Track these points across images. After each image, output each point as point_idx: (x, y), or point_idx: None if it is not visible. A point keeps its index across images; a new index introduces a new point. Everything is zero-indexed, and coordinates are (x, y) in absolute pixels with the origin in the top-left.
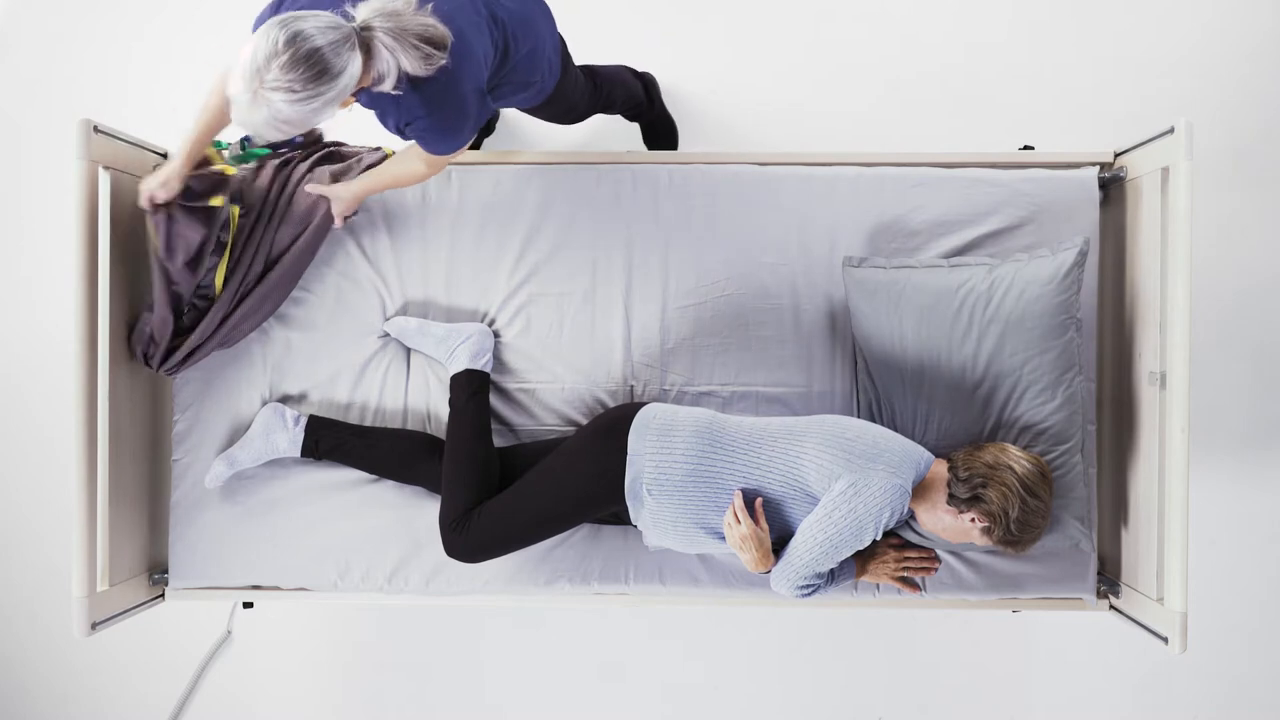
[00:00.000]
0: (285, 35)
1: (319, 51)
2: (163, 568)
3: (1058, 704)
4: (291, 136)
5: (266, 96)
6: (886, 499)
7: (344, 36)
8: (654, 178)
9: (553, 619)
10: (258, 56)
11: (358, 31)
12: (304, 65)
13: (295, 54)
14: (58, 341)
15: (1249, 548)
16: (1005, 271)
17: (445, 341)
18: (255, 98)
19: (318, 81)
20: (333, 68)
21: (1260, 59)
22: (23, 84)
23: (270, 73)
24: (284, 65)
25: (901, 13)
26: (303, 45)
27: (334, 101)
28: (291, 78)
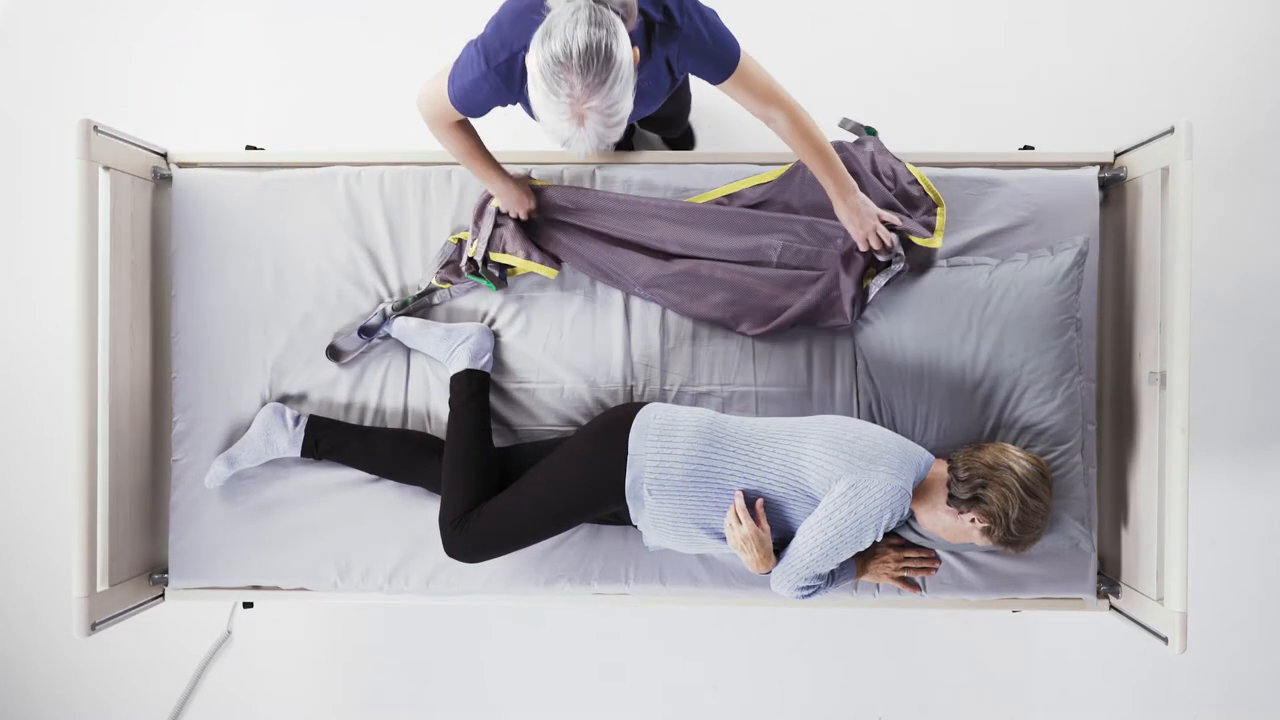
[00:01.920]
0: (551, 55)
1: (589, 38)
2: (163, 568)
3: (1058, 704)
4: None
5: (589, 108)
6: (887, 500)
7: (590, 11)
8: (654, 178)
9: (553, 619)
10: (549, 87)
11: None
12: (592, 58)
13: (579, 56)
14: (58, 341)
15: (1249, 548)
16: (1005, 271)
17: (445, 341)
18: (579, 118)
19: (611, 58)
20: (612, 41)
21: (1258, 59)
22: (23, 84)
23: (575, 88)
24: (579, 70)
25: (901, 14)
26: (575, 44)
27: (631, 67)
28: (594, 73)
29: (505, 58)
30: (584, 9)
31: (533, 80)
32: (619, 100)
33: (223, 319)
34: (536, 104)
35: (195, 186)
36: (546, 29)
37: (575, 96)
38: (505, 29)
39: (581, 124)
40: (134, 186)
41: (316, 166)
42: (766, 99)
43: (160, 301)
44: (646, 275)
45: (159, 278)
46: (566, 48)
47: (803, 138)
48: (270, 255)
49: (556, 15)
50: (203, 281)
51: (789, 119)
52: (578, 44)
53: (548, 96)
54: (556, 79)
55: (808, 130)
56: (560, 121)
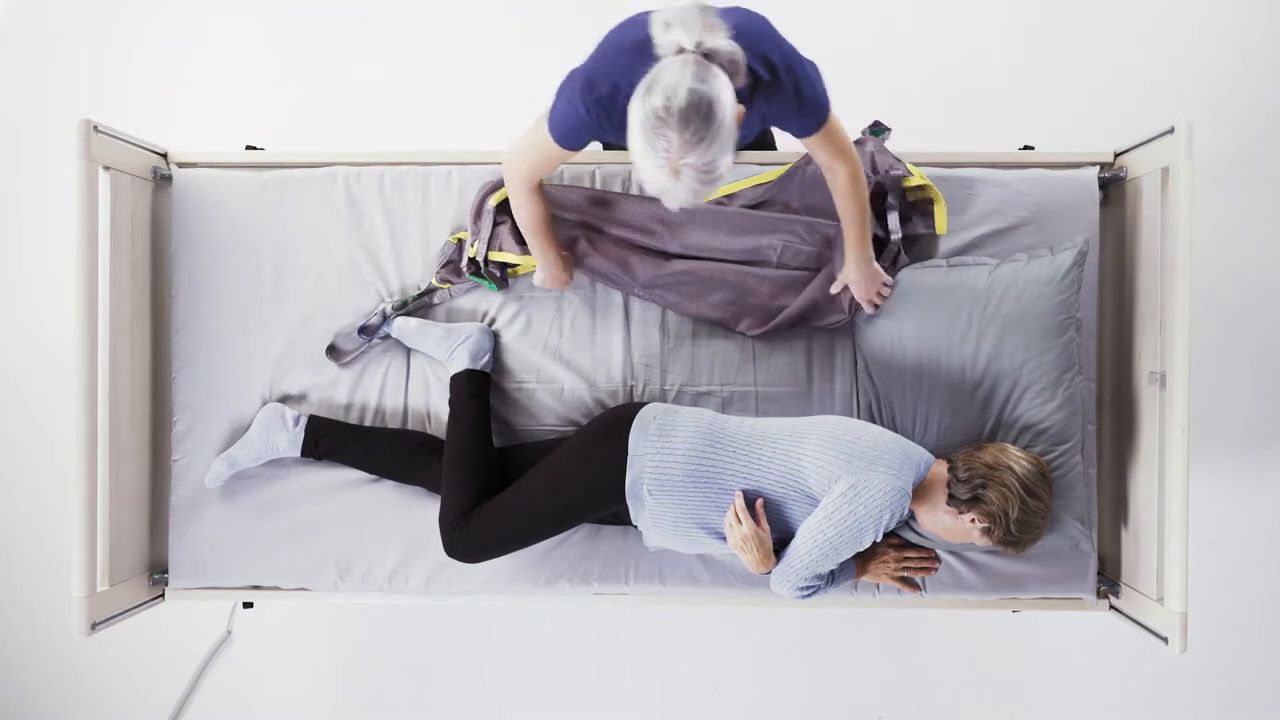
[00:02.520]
0: (656, 105)
1: (692, 94)
2: (163, 568)
3: (1058, 704)
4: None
5: (685, 164)
6: (886, 501)
7: (698, 67)
8: None
9: (553, 619)
10: (649, 141)
11: (699, 54)
12: (693, 115)
13: (681, 112)
14: (58, 341)
15: (1249, 548)
16: (1005, 271)
17: (445, 341)
18: (675, 173)
19: (713, 115)
20: (716, 96)
21: (1258, 59)
22: (23, 84)
23: (673, 143)
24: (679, 127)
25: (901, 14)
26: (678, 100)
27: (733, 124)
28: (694, 129)
29: (608, 91)
30: (691, 63)
31: (632, 129)
32: (717, 158)
33: (223, 319)
34: (635, 152)
35: (195, 186)
36: (652, 80)
37: (672, 151)
38: (609, 63)
39: (677, 178)
40: (134, 186)
41: (316, 166)
42: (838, 154)
43: (160, 301)
44: (645, 275)
45: (159, 278)
46: (668, 103)
47: (855, 196)
48: (270, 255)
49: (663, 67)
50: (203, 281)
51: (850, 176)
52: (679, 100)
53: (645, 148)
54: (655, 132)
55: (861, 190)
56: (656, 173)
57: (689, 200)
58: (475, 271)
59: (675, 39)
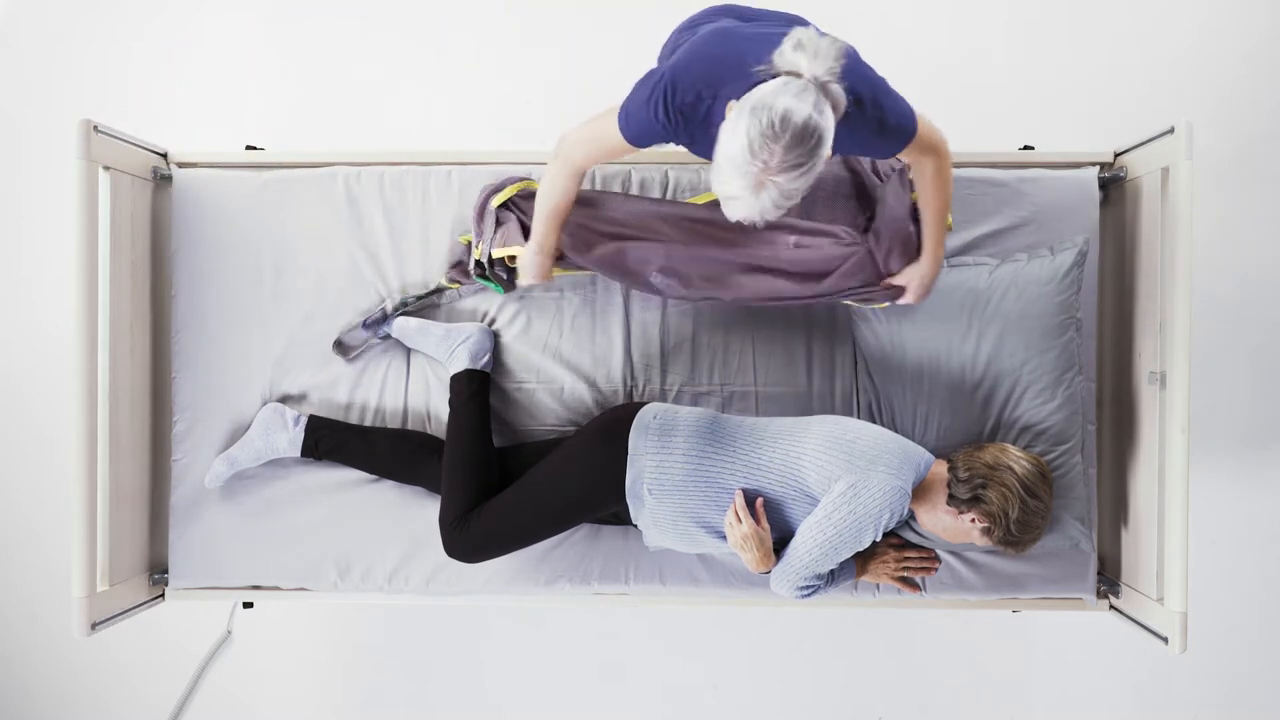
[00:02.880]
0: (774, 118)
1: (809, 120)
2: (163, 568)
3: (1058, 704)
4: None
5: (773, 181)
6: (886, 501)
7: (817, 96)
8: (654, 178)
9: (553, 619)
10: (752, 145)
11: (818, 85)
12: (804, 139)
13: (794, 132)
14: (58, 341)
15: (1249, 548)
16: (1005, 271)
17: (445, 341)
18: (758, 185)
19: (818, 148)
20: (825, 130)
21: (1258, 59)
22: (23, 84)
23: (774, 158)
24: (787, 145)
25: (901, 14)
26: (796, 120)
27: (823, 162)
28: (798, 153)
29: (691, 99)
30: (813, 91)
31: (733, 132)
32: (799, 189)
33: (223, 319)
34: (724, 155)
35: (195, 186)
36: (769, 94)
37: (769, 167)
38: (698, 70)
39: (757, 192)
40: (134, 186)
41: (316, 166)
42: (926, 151)
43: (160, 301)
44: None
45: (159, 278)
46: (788, 118)
47: (938, 190)
48: (270, 255)
49: (783, 86)
50: (203, 281)
51: (935, 168)
52: (797, 121)
53: (743, 154)
54: (763, 141)
55: (945, 184)
56: (738, 180)
57: (753, 215)
58: (481, 273)
59: (799, 62)
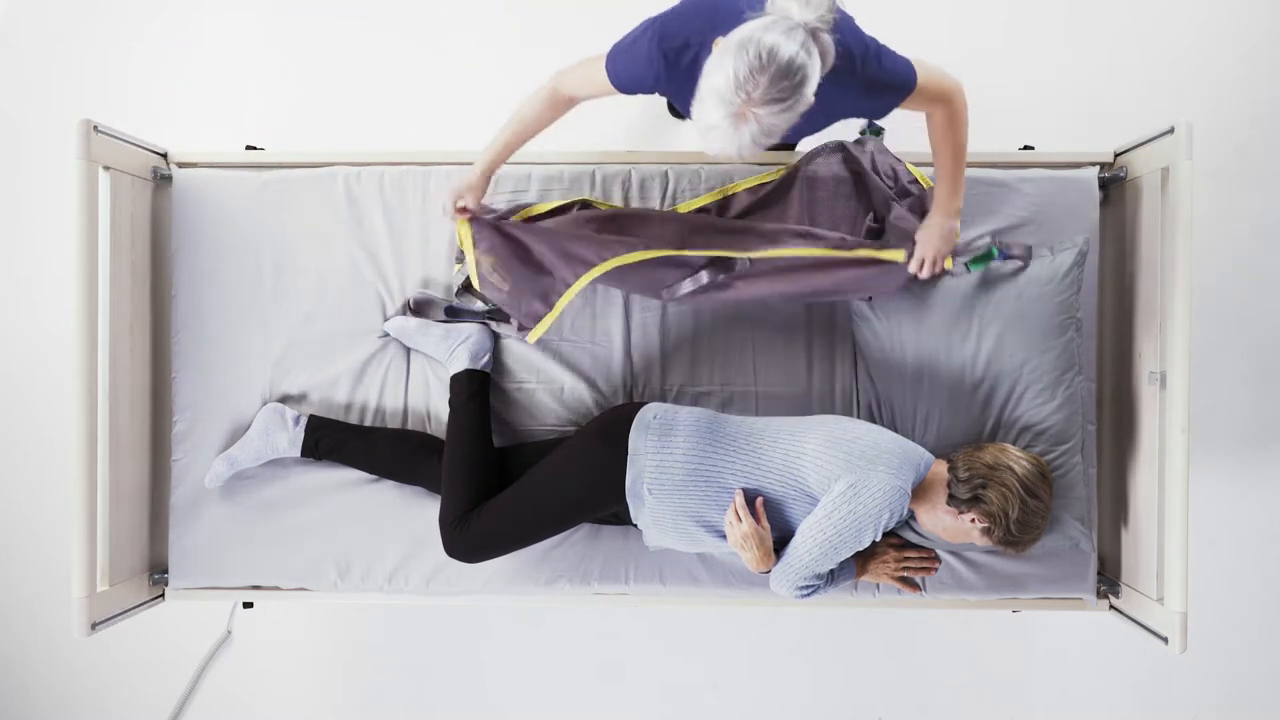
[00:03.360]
0: (761, 50)
1: (796, 57)
2: (163, 568)
3: (1058, 704)
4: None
5: (753, 113)
6: (886, 500)
7: (805, 38)
8: (654, 177)
9: (553, 619)
10: (738, 76)
11: (808, 29)
12: (789, 73)
13: (779, 66)
14: (58, 341)
15: (1249, 548)
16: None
17: (445, 341)
18: (740, 117)
19: (802, 86)
20: (810, 71)
21: (1258, 59)
22: (23, 84)
23: (758, 89)
24: (772, 78)
25: (901, 14)
26: (782, 55)
27: (807, 104)
28: (781, 87)
29: (679, 44)
30: (802, 31)
31: (719, 64)
32: (778, 126)
33: (223, 319)
34: (708, 86)
35: (195, 186)
36: (758, 29)
37: (751, 98)
38: (690, 16)
39: (738, 125)
40: (134, 186)
41: (316, 166)
42: (933, 102)
43: (160, 301)
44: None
45: (159, 278)
46: (774, 52)
47: (949, 137)
48: (270, 255)
49: (772, 24)
50: (203, 281)
51: (946, 116)
52: (783, 57)
53: (728, 84)
54: (748, 72)
55: (958, 131)
56: (719, 110)
57: (732, 149)
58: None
59: (790, 8)
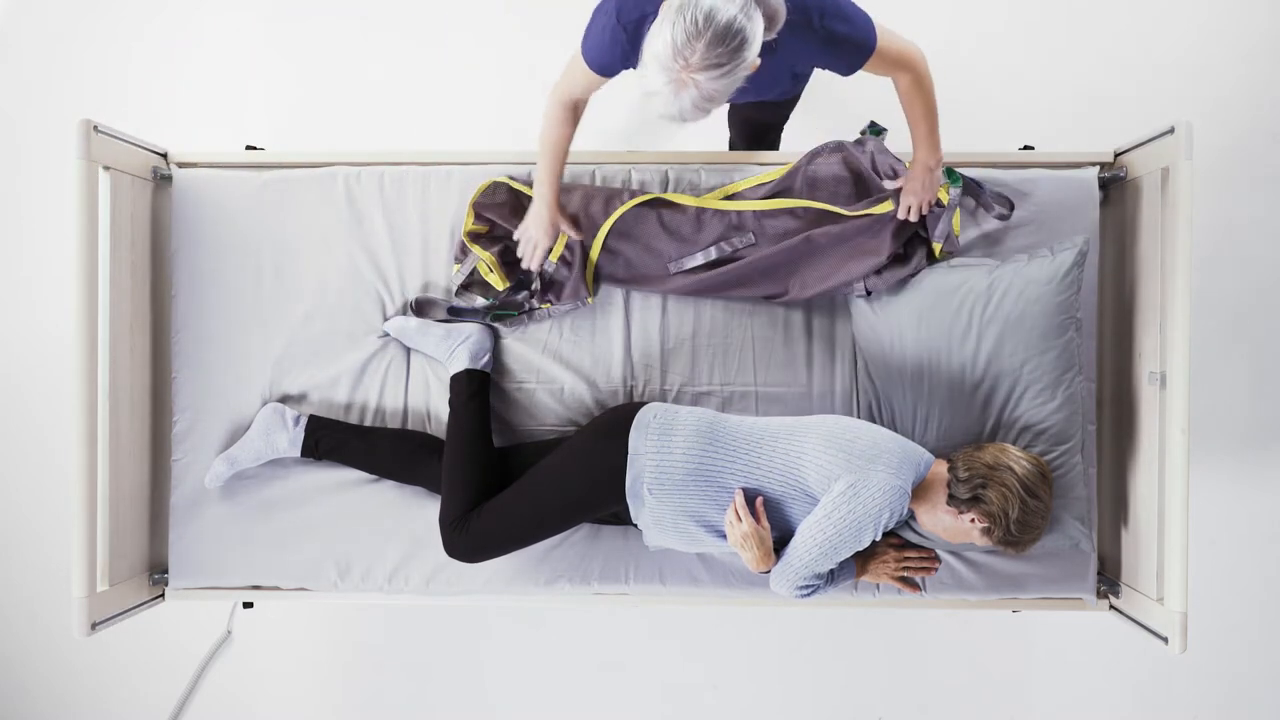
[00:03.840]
0: (698, 15)
1: (734, 22)
2: (163, 568)
3: (1058, 704)
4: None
5: (692, 79)
6: (886, 500)
7: (746, 1)
8: (654, 177)
9: (553, 619)
10: (675, 42)
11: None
12: (725, 39)
13: (715, 30)
14: (58, 341)
15: (1249, 548)
16: (1005, 271)
17: (445, 341)
18: (679, 83)
19: (741, 50)
20: (750, 34)
21: (1258, 59)
22: (23, 84)
23: (695, 54)
24: (709, 43)
25: (901, 14)
26: (719, 19)
27: (749, 68)
28: (718, 52)
29: (636, 17)
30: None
31: (659, 30)
32: (720, 92)
33: (223, 319)
34: (649, 51)
35: (195, 186)
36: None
37: (689, 64)
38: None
39: (678, 91)
40: (134, 186)
41: (316, 166)
42: (894, 67)
43: (160, 301)
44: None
45: (159, 278)
46: (711, 16)
47: (919, 96)
48: (270, 255)
49: None
50: (203, 281)
51: (911, 81)
52: (721, 21)
53: (665, 49)
54: (686, 38)
55: (926, 91)
56: (660, 76)
57: (674, 114)
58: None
59: None
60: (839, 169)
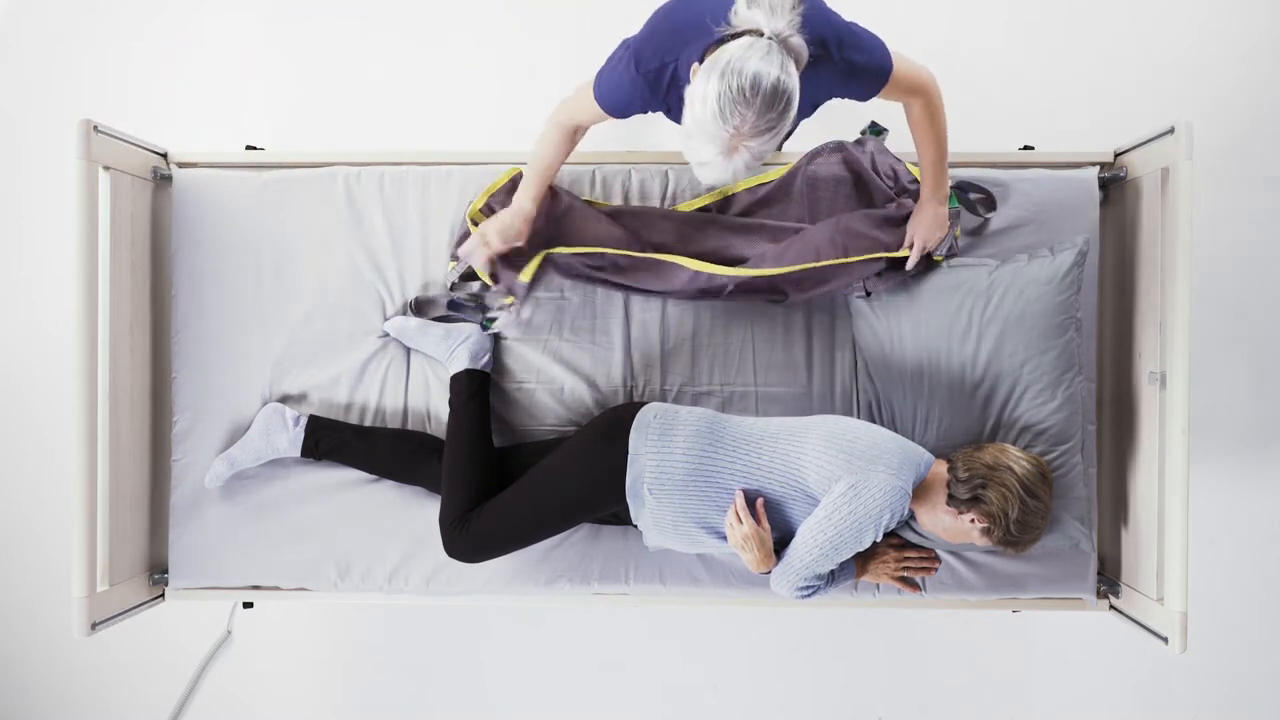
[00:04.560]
0: (744, 84)
1: (779, 84)
2: (163, 568)
3: (1058, 704)
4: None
5: (746, 146)
6: (886, 501)
7: (782, 57)
8: (654, 177)
9: (553, 619)
10: (724, 112)
11: (780, 41)
12: (774, 103)
13: (764, 97)
14: (58, 341)
15: (1249, 548)
16: (1005, 272)
17: (445, 341)
18: (731, 151)
19: (788, 109)
20: (793, 91)
21: (1258, 59)
22: (23, 84)
23: (746, 124)
24: (759, 111)
25: (901, 14)
26: (765, 85)
27: (791, 120)
28: (769, 118)
29: (655, 66)
30: (776, 52)
31: (703, 98)
32: (769, 150)
33: (223, 319)
34: (695, 121)
35: (195, 186)
36: (735, 58)
37: (741, 132)
38: (660, 38)
39: (730, 156)
40: (134, 186)
41: (316, 166)
42: (909, 93)
43: (160, 301)
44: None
45: (159, 278)
46: (757, 83)
47: (930, 127)
48: (270, 255)
49: (745, 49)
50: (203, 281)
51: (923, 107)
52: (766, 86)
53: (714, 120)
54: (734, 107)
55: (937, 121)
56: (709, 145)
57: (725, 178)
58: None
59: (756, 20)
60: (839, 169)
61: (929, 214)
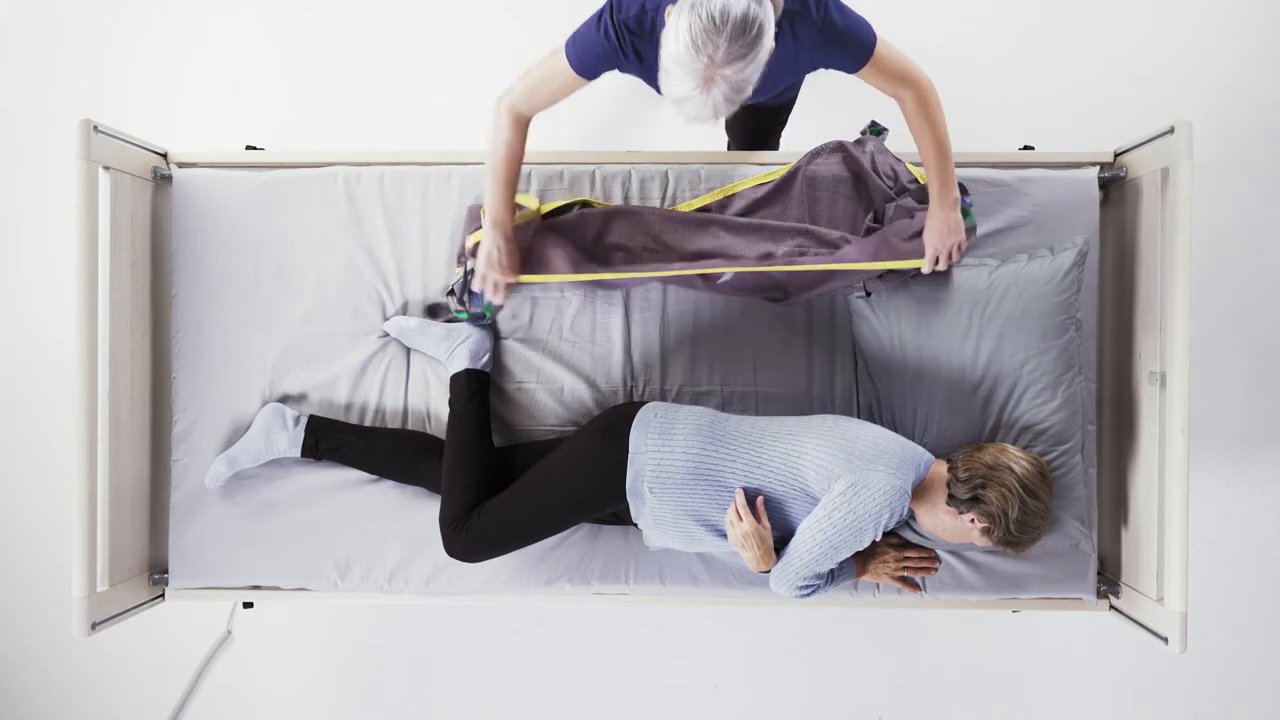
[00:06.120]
0: (713, 12)
1: (748, 12)
2: (163, 568)
3: (1058, 704)
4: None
5: (721, 75)
6: (886, 500)
7: None
8: (654, 176)
9: (553, 619)
10: (695, 41)
11: None
12: (745, 30)
13: (733, 24)
14: (58, 341)
15: (1249, 548)
16: (1005, 272)
17: (445, 341)
18: (707, 81)
19: (760, 37)
20: (764, 20)
21: (1258, 59)
22: (23, 84)
23: (719, 50)
24: (729, 37)
25: (900, 14)
26: (734, 12)
27: (767, 55)
28: (741, 44)
29: (635, 12)
30: None
31: (675, 33)
32: (749, 79)
33: (223, 319)
34: (670, 57)
35: (195, 186)
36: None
37: (714, 61)
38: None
39: (708, 89)
40: (134, 186)
41: (316, 166)
42: (896, 82)
43: (160, 301)
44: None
45: (159, 278)
46: (725, 11)
47: (928, 122)
48: (270, 255)
49: None
50: (203, 281)
51: (916, 101)
52: (736, 13)
53: (687, 51)
54: (705, 35)
55: (934, 115)
56: (687, 80)
57: (709, 114)
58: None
59: None
60: (839, 169)
61: (940, 221)
